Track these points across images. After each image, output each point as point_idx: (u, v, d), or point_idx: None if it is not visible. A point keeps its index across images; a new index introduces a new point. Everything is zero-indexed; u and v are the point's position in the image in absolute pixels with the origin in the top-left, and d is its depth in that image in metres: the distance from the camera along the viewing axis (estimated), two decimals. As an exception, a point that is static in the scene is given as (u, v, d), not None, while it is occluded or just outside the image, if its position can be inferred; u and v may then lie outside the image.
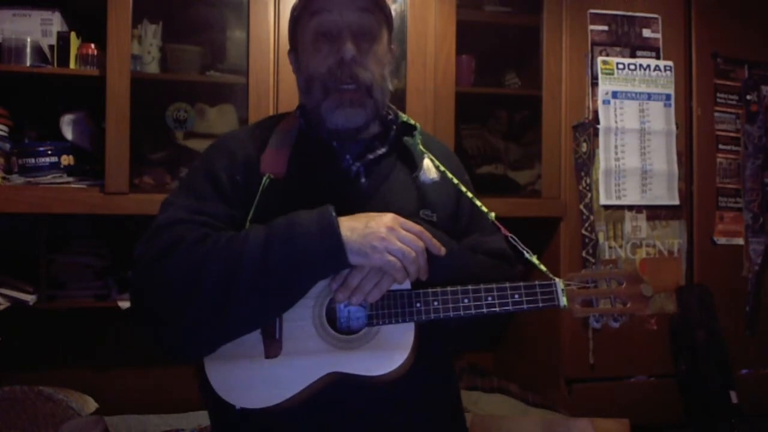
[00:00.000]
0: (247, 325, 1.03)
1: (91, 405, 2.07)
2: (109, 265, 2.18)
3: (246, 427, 1.08)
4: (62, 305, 2.11)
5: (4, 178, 1.94)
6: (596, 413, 1.99)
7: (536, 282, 1.06)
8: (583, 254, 2.27)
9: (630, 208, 2.33)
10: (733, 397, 2.26)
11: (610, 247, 2.30)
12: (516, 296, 1.05)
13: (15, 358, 2.16)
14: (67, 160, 1.98)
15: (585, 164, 2.30)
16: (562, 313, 2.19)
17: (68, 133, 2.02)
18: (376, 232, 1.00)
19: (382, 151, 1.19)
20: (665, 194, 2.35)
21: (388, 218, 1.03)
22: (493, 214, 1.19)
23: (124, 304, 2.04)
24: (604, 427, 1.89)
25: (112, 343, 2.28)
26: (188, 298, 0.99)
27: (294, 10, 1.18)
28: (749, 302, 2.42)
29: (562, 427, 1.90)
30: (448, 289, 1.05)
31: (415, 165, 1.21)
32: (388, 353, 1.02)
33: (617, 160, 2.31)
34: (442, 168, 1.21)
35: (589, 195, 2.29)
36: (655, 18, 2.38)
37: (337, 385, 1.03)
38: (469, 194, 1.20)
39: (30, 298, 2.03)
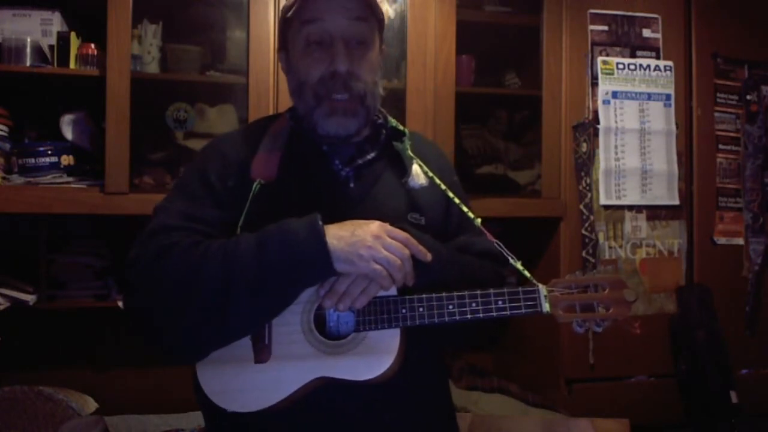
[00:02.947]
0: (243, 327, 1.04)
1: (91, 405, 2.07)
2: (109, 265, 2.18)
3: (238, 430, 1.09)
4: (62, 305, 2.11)
5: (4, 178, 1.94)
6: (596, 413, 1.99)
7: (519, 288, 1.08)
8: (583, 254, 2.27)
9: (630, 208, 2.33)
10: (733, 397, 2.26)
11: (610, 247, 2.30)
12: (500, 302, 1.06)
13: (15, 358, 2.16)
14: (67, 160, 1.98)
15: (585, 164, 2.30)
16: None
17: (68, 133, 2.02)
18: (362, 240, 1.01)
19: (371, 155, 1.20)
20: (665, 194, 2.35)
21: (374, 226, 1.04)
22: (479, 220, 1.20)
23: (124, 304, 2.04)
24: (604, 427, 1.89)
25: (112, 343, 2.28)
26: (188, 297, 1.00)
27: (285, 11, 1.17)
28: (749, 302, 2.42)
29: (562, 427, 1.90)
30: (434, 295, 1.06)
31: (404, 170, 1.22)
32: (374, 358, 1.04)
33: (617, 160, 2.31)
34: (430, 174, 1.21)
35: (589, 195, 2.29)
36: (655, 18, 2.38)
37: (327, 389, 1.04)
38: (456, 200, 1.21)
39: (30, 298, 2.03)
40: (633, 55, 2.36)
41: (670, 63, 2.38)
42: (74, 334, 2.29)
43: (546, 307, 1.08)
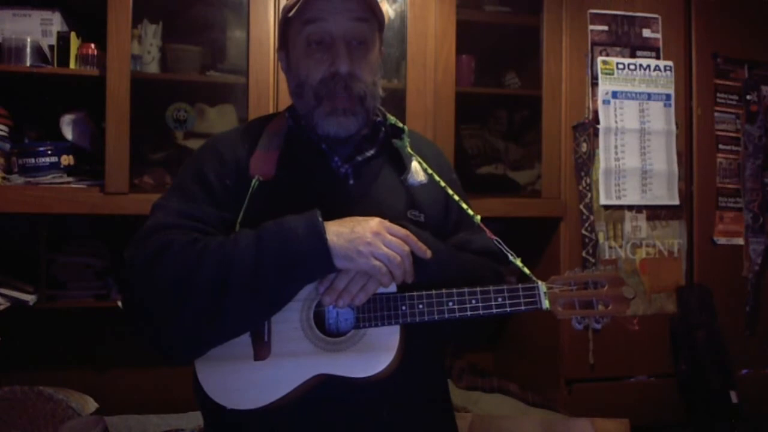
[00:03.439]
0: (241, 325, 1.04)
1: (91, 405, 2.07)
2: (109, 265, 2.18)
3: (237, 428, 1.09)
4: (62, 305, 2.11)
5: (4, 178, 1.94)
6: (596, 413, 1.99)
7: (519, 285, 1.08)
8: (583, 254, 2.27)
9: (630, 208, 2.33)
10: (733, 397, 2.26)
11: (610, 247, 2.30)
12: (499, 299, 1.07)
13: (15, 358, 2.16)
14: (67, 160, 1.98)
15: (585, 164, 2.30)
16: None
17: (68, 133, 2.02)
18: (362, 236, 1.02)
19: (370, 152, 1.20)
20: (665, 194, 2.35)
21: (374, 223, 1.04)
22: (478, 217, 1.20)
23: (124, 304, 2.04)
24: (604, 427, 1.89)
25: (112, 343, 2.28)
26: (183, 298, 1.00)
27: (286, 11, 1.17)
28: (749, 302, 2.42)
29: (562, 427, 1.90)
30: (433, 292, 1.07)
31: (403, 167, 1.22)
32: (374, 355, 1.05)
33: (617, 160, 2.31)
34: (429, 171, 1.21)
35: (589, 195, 2.29)
36: (655, 18, 2.38)
37: (326, 386, 1.04)
38: (456, 197, 1.21)
39: (30, 298, 2.02)
40: (633, 55, 2.36)
41: (670, 63, 2.38)
42: (74, 334, 2.28)
43: (545, 303, 1.08)
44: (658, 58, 2.38)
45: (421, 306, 1.06)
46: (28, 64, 1.95)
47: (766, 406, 2.36)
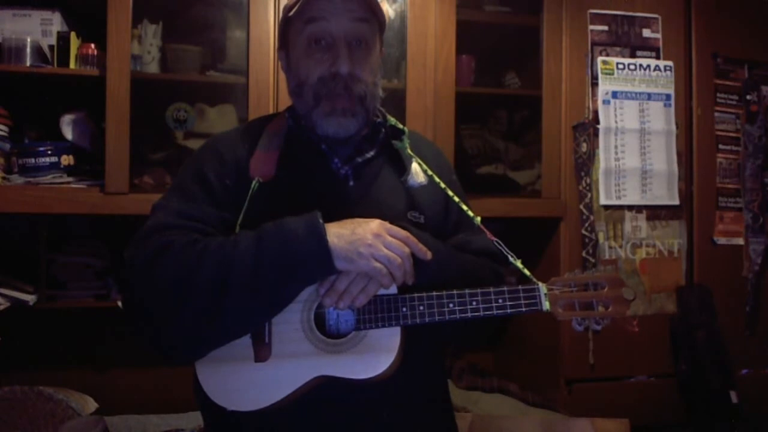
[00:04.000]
0: (241, 325, 1.04)
1: (91, 405, 2.07)
2: (109, 265, 2.18)
3: (237, 429, 1.09)
4: (62, 305, 2.11)
5: (4, 178, 1.94)
6: (596, 413, 1.99)
7: (519, 287, 1.09)
8: (583, 254, 2.27)
9: (630, 208, 2.33)
10: (733, 397, 2.26)
11: (610, 247, 2.30)
12: (500, 300, 1.07)
13: (15, 358, 2.16)
14: (67, 160, 1.98)
15: (585, 164, 2.30)
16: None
17: (68, 133, 2.02)
18: (362, 238, 1.02)
19: (370, 154, 1.20)
20: (665, 194, 2.35)
21: (374, 225, 1.04)
22: (478, 219, 1.20)
23: (124, 304, 2.04)
24: (604, 427, 1.89)
25: (112, 343, 2.28)
26: (183, 298, 1.00)
27: (287, 10, 1.16)
28: (749, 302, 2.42)
29: (562, 427, 1.90)
30: (434, 293, 1.07)
31: (403, 168, 1.22)
32: (374, 357, 1.05)
33: (617, 160, 2.31)
34: (429, 172, 1.21)
35: (589, 195, 2.29)
36: (655, 18, 2.38)
37: (327, 387, 1.05)
38: (456, 198, 1.21)
39: (30, 298, 2.02)
40: (633, 55, 2.36)
41: (670, 63, 2.38)
42: (74, 334, 2.28)
43: (546, 305, 1.08)
44: (658, 58, 2.38)
45: (421, 307, 1.06)
46: (28, 64, 1.95)
47: (766, 406, 2.36)
